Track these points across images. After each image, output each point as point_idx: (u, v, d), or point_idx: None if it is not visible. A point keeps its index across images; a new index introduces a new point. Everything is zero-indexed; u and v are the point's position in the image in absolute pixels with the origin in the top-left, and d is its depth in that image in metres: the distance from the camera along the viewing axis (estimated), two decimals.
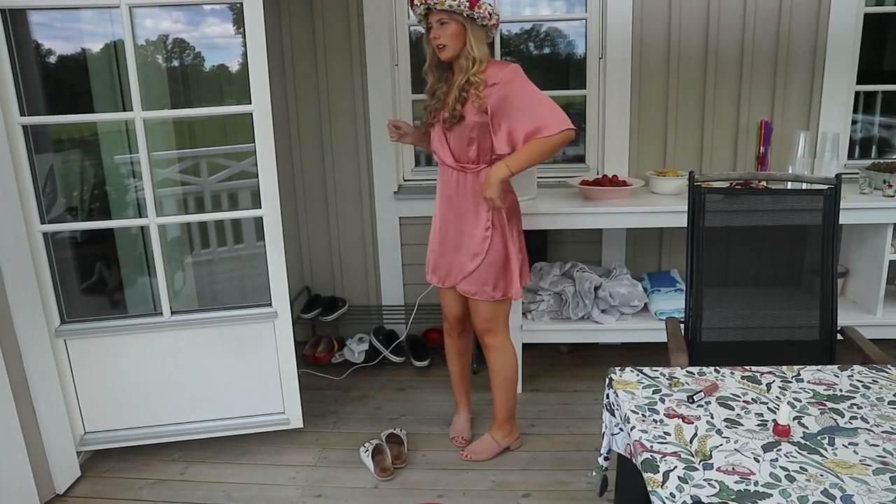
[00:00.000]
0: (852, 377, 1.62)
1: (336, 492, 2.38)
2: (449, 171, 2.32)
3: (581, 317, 3.02)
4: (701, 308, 2.13)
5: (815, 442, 1.34)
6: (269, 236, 2.46)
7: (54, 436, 2.38)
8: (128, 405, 2.57)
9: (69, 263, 2.63)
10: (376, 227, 3.45)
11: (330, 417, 2.89)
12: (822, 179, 2.09)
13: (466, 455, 2.55)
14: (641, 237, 3.38)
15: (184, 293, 3.04)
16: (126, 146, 2.71)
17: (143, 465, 2.57)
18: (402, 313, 3.50)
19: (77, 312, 2.51)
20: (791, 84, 3.17)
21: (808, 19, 3.09)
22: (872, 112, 3.46)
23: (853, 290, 3.14)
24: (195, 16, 2.78)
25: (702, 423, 1.41)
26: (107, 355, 2.50)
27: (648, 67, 3.18)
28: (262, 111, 2.32)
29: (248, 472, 2.51)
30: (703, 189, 2.10)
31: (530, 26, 3.47)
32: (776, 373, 1.65)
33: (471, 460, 2.53)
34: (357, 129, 3.34)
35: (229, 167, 3.34)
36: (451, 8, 2.08)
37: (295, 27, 3.24)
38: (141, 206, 2.50)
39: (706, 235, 2.11)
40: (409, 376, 3.27)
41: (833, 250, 2.06)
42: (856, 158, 3.37)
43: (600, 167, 3.33)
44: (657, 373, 1.66)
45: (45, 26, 2.53)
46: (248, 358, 2.58)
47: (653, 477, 1.23)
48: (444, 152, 2.31)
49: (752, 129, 3.16)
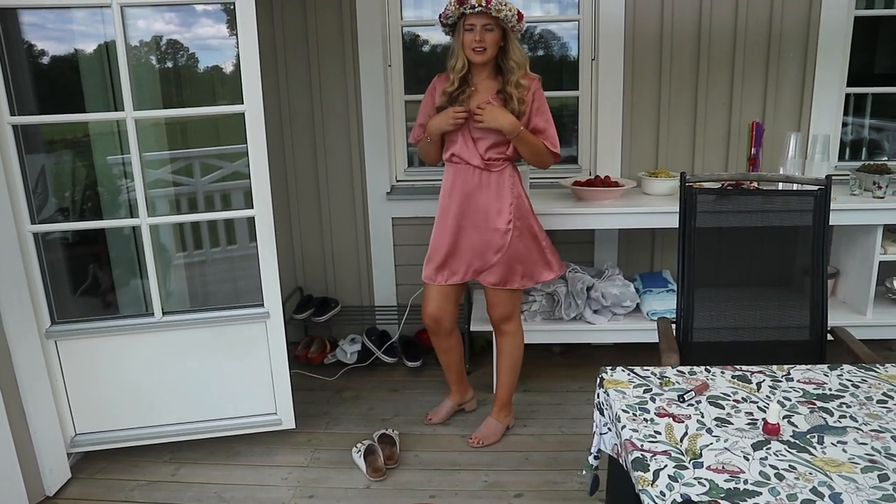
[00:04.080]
0: (842, 376, 1.63)
1: (328, 492, 2.38)
2: (471, 170, 2.41)
3: (573, 317, 3.02)
4: (692, 308, 2.14)
5: (805, 440, 1.34)
6: (262, 236, 2.45)
7: (44, 437, 2.36)
8: (119, 406, 2.55)
9: (60, 264, 2.61)
10: (369, 227, 3.45)
11: (322, 418, 2.88)
12: (813, 180, 2.10)
13: (477, 441, 2.60)
14: (633, 238, 3.39)
15: (176, 294, 3.03)
16: (118, 147, 2.70)
17: (134, 466, 2.56)
18: (394, 314, 3.49)
19: (68, 313, 2.49)
20: (782, 86, 3.19)
21: (800, 21, 3.11)
22: (863, 114, 3.48)
23: (843, 291, 3.16)
24: (188, 17, 2.78)
25: (692, 422, 1.42)
26: (98, 356, 2.49)
27: (640, 69, 3.19)
28: (255, 111, 2.32)
29: (240, 473, 2.51)
30: (695, 190, 2.10)
31: (524, 28, 3.47)
32: (766, 372, 1.66)
33: (482, 445, 2.59)
34: (350, 129, 3.34)
35: (222, 168, 3.33)
36: (505, 17, 2.23)
37: (288, 27, 3.23)
38: (133, 207, 2.49)
39: (698, 236, 2.12)
40: (401, 377, 3.27)
41: (823, 251, 2.07)
42: (846, 160, 3.39)
43: (593, 168, 3.34)
44: (648, 372, 1.66)
45: (37, 27, 2.52)
46: (240, 358, 2.57)
47: (643, 475, 1.24)
48: (470, 154, 2.39)
49: (744, 131, 3.17)
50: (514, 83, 2.31)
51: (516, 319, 2.62)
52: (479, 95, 2.36)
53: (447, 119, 2.33)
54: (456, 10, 2.26)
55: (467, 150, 2.39)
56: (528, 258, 2.48)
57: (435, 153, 2.49)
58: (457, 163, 2.43)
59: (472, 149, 2.38)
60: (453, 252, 2.49)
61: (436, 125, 2.37)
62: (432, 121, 2.38)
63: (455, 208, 2.45)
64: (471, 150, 2.39)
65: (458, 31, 2.31)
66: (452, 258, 2.50)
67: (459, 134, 2.39)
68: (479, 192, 2.42)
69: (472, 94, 2.35)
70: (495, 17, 2.23)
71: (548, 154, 2.39)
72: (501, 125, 2.29)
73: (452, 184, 2.45)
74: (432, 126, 2.38)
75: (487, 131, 2.34)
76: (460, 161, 2.41)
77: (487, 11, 2.21)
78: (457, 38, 2.33)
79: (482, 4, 2.19)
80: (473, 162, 2.39)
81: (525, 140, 2.33)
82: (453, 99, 2.35)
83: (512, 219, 2.42)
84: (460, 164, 2.42)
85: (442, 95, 2.38)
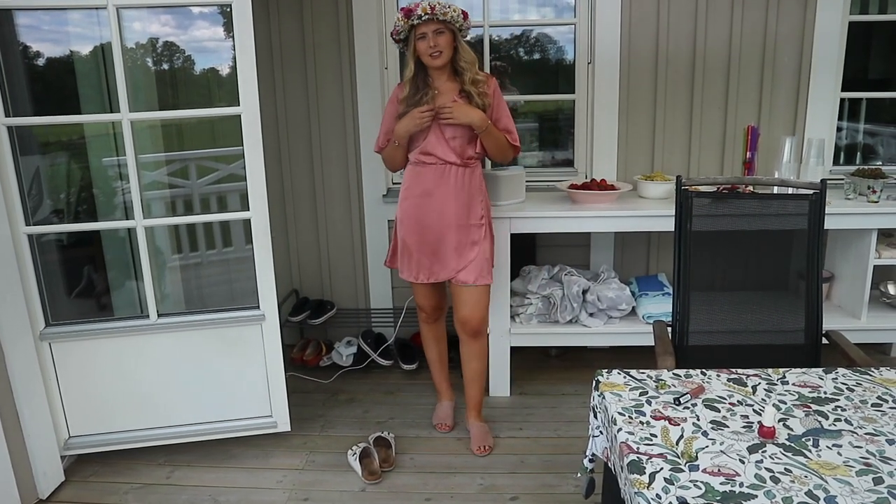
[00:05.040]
0: (836, 380, 1.64)
1: (323, 495, 2.37)
2: (445, 168, 2.46)
3: (569, 320, 3.02)
4: (688, 312, 2.14)
5: (800, 443, 1.35)
6: (257, 239, 2.45)
7: (38, 440, 2.35)
8: (113, 409, 2.54)
9: (55, 266, 2.60)
10: (365, 230, 3.45)
11: (318, 421, 2.88)
12: (808, 184, 2.11)
13: (484, 449, 2.60)
14: (629, 241, 3.39)
15: (171, 296, 3.02)
16: (113, 149, 2.69)
17: (128, 469, 2.55)
18: (390, 316, 3.49)
19: (62, 315, 2.48)
20: (777, 90, 3.20)
21: (795, 26, 3.12)
22: (857, 119, 3.50)
23: (838, 295, 3.17)
24: (184, 19, 2.78)
25: (688, 425, 1.42)
26: (92, 358, 2.48)
27: (637, 72, 3.20)
28: (251, 113, 2.32)
29: (235, 476, 2.50)
30: (691, 193, 2.11)
31: (520, 31, 3.49)
32: (762, 375, 1.66)
33: (489, 451, 2.60)
34: (346, 132, 3.34)
35: (218, 170, 3.33)
36: (451, 19, 2.32)
37: (284, 30, 3.23)
38: (128, 209, 2.48)
39: (693, 239, 2.12)
40: (397, 379, 3.26)
41: (818, 255, 2.08)
42: (841, 164, 3.40)
43: (588, 171, 3.35)
44: (644, 375, 1.66)
45: (32, 28, 2.51)
46: (235, 361, 2.56)
47: (639, 478, 1.24)
48: (444, 151, 2.44)
49: (739, 135, 3.18)
50: (470, 81, 2.41)
51: (487, 321, 2.67)
52: (443, 97, 2.42)
53: (413, 120, 2.39)
54: (405, 24, 2.35)
55: (441, 148, 2.44)
56: (491, 255, 2.58)
57: (401, 158, 2.53)
58: (430, 163, 2.46)
59: (447, 147, 2.44)
60: (421, 253, 2.53)
61: (403, 127, 2.42)
62: (399, 124, 2.43)
63: (422, 208, 2.49)
64: (445, 149, 2.44)
65: (411, 43, 2.40)
66: (422, 259, 2.53)
67: (431, 133, 2.43)
68: (455, 190, 2.47)
69: (434, 97, 2.41)
70: (443, 21, 2.32)
71: (510, 148, 2.51)
72: (472, 120, 2.37)
73: (419, 183, 2.49)
74: (400, 129, 2.42)
75: (458, 129, 2.41)
76: (436, 161, 2.45)
77: (434, 17, 2.30)
78: (409, 50, 2.42)
79: (428, 12, 2.29)
80: (449, 159, 2.44)
81: (492, 134, 2.43)
82: (415, 105, 2.40)
83: (484, 214, 2.53)
84: (434, 164, 2.46)
85: (401, 104, 2.44)
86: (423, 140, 2.45)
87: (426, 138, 2.44)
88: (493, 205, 2.78)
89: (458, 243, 2.50)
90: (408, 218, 2.53)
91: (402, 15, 2.34)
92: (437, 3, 2.30)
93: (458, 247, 2.50)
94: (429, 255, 2.53)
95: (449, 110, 2.35)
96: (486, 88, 2.43)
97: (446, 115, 2.36)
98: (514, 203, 2.96)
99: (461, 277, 2.51)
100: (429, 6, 2.28)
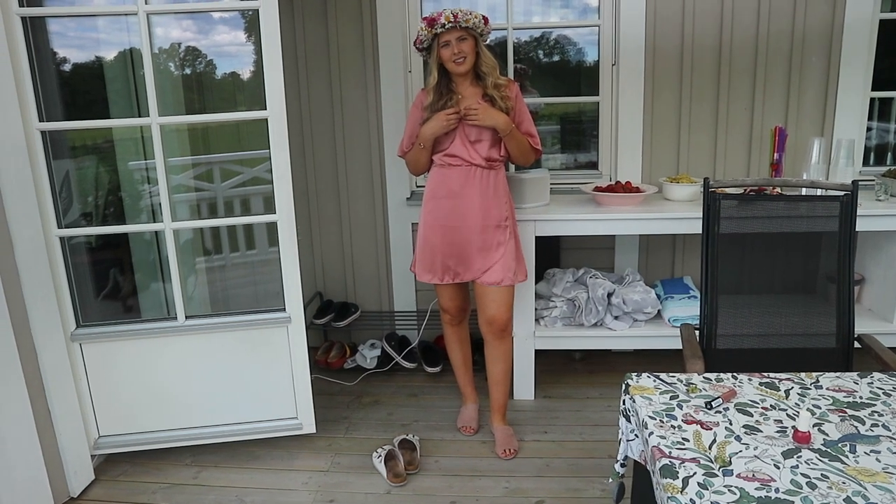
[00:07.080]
0: (872, 384, 1.61)
1: (348, 497, 2.38)
2: (471, 170, 2.48)
3: (594, 323, 3.01)
4: (716, 315, 2.12)
5: (836, 449, 1.32)
6: (283, 241, 2.46)
7: (69, 439, 2.39)
8: (141, 409, 2.58)
9: (85, 268, 2.64)
10: (389, 233, 3.46)
11: (342, 423, 2.89)
12: (839, 186, 2.07)
13: (509, 453, 2.59)
14: (654, 244, 3.37)
15: (197, 298, 3.05)
16: (140, 153, 2.73)
17: (155, 469, 2.58)
18: (414, 319, 3.49)
19: (92, 316, 2.52)
20: (805, 90, 3.16)
21: (823, 24, 3.08)
22: (888, 119, 3.44)
23: (869, 298, 3.11)
24: (205, 24, 2.81)
25: (720, 430, 1.40)
26: (121, 359, 2.51)
27: (662, 73, 3.18)
28: (278, 117, 2.34)
29: (261, 477, 2.51)
30: (718, 195, 2.09)
31: (539, 34, 3.48)
32: (794, 379, 1.64)
33: (514, 455, 2.59)
34: (370, 135, 3.35)
35: (242, 173, 3.35)
36: (474, 26, 2.36)
37: (309, 34, 3.26)
38: (155, 212, 2.51)
39: (721, 242, 2.10)
40: (421, 382, 3.27)
41: (849, 257, 2.04)
42: (871, 165, 3.34)
43: (613, 173, 3.33)
44: (674, 379, 1.65)
45: (63, 35, 2.55)
46: (261, 363, 2.58)
47: (672, 483, 1.22)
48: (469, 153, 2.47)
49: (766, 136, 3.14)
50: (492, 85, 2.44)
51: (512, 322, 2.69)
52: (466, 102, 2.43)
53: (440, 122, 2.40)
54: (429, 33, 2.38)
55: (467, 152, 2.46)
56: (518, 255, 2.59)
57: (425, 161, 2.55)
58: (457, 165, 2.48)
59: (472, 150, 2.46)
60: (447, 255, 2.54)
61: (430, 129, 2.43)
62: (425, 126, 2.44)
63: (447, 210, 2.51)
64: (471, 151, 2.46)
65: (434, 51, 2.42)
66: (447, 261, 2.55)
67: (456, 136, 2.46)
68: (480, 191, 2.49)
69: (459, 102, 2.44)
70: (466, 28, 2.35)
71: (532, 151, 2.54)
72: (497, 122, 2.40)
73: (445, 185, 2.51)
74: (426, 130, 2.44)
75: (483, 132, 2.44)
76: (461, 163, 2.47)
77: (457, 25, 2.33)
78: (432, 57, 2.44)
79: (451, 21, 2.32)
80: (476, 161, 2.46)
81: (515, 137, 2.45)
82: (439, 111, 2.42)
83: (508, 215, 2.54)
84: (460, 166, 2.48)
85: (425, 111, 2.46)
86: (450, 143, 2.47)
87: (452, 141, 2.46)
88: (517, 207, 2.78)
89: (483, 244, 2.50)
90: (433, 218, 2.54)
91: (426, 24, 2.37)
92: (459, 11, 2.33)
93: (483, 248, 2.51)
94: (453, 256, 2.53)
95: (475, 112, 2.37)
96: (508, 92, 2.46)
97: (472, 117, 2.38)
98: (539, 206, 2.95)
99: (486, 279, 2.52)
100: (451, 15, 2.32)
